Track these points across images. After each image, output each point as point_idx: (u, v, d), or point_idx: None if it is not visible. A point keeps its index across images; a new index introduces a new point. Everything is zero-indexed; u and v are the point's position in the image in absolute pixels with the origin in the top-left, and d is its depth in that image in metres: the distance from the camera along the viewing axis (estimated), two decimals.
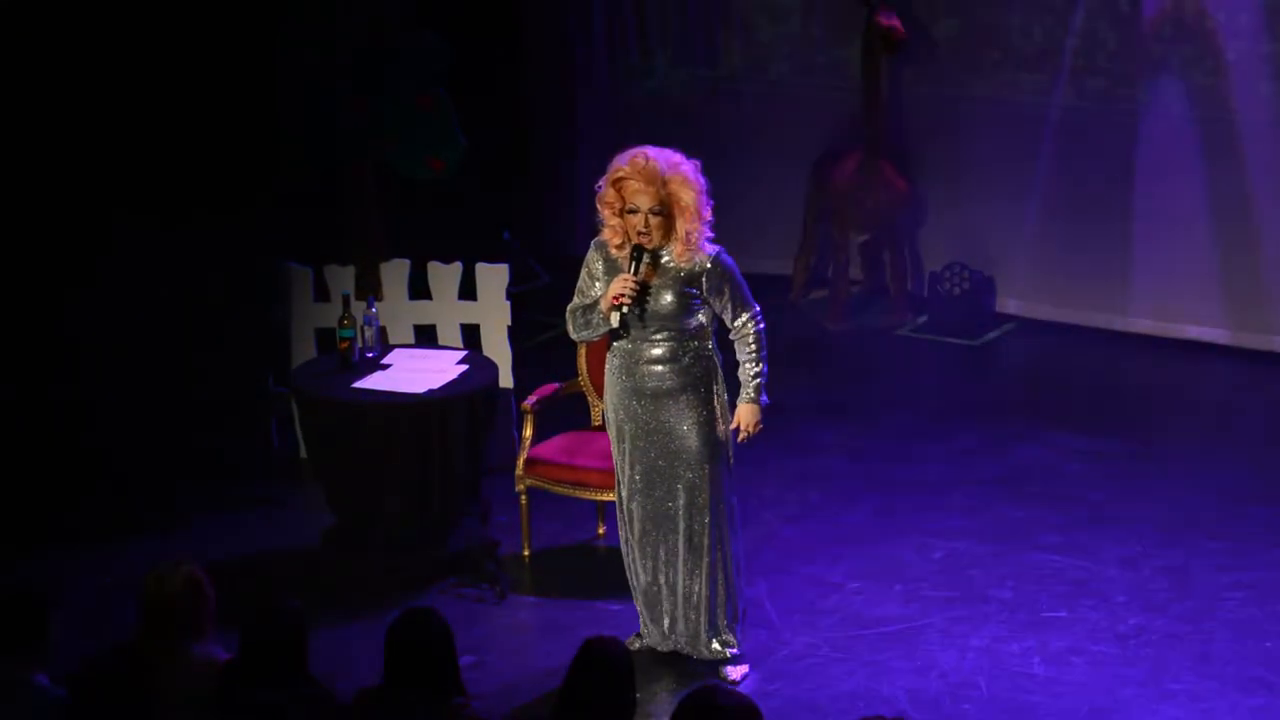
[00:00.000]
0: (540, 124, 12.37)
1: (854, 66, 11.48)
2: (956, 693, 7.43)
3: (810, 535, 8.70)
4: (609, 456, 8.33)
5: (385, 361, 8.91)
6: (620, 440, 7.46)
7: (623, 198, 7.24)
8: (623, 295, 7.20)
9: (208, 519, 8.96)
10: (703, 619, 7.47)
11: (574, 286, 7.49)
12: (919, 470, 9.44)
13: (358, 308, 9.00)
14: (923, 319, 11.55)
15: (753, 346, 7.36)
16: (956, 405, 10.36)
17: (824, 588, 8.27)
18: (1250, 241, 10.81)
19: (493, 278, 9.64)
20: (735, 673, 7.52)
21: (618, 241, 7.31)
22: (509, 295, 9.62)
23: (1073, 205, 11.26)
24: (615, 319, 7.24)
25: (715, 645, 7.51)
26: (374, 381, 8.69)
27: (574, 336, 7.56)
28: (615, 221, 7.28)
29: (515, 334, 9.66)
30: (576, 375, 8.73)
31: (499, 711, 5.81)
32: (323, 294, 9.60)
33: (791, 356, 8.61)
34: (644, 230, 7.21)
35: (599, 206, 7.33)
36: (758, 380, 7.35)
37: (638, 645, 7.61)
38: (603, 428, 8.68)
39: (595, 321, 7.35)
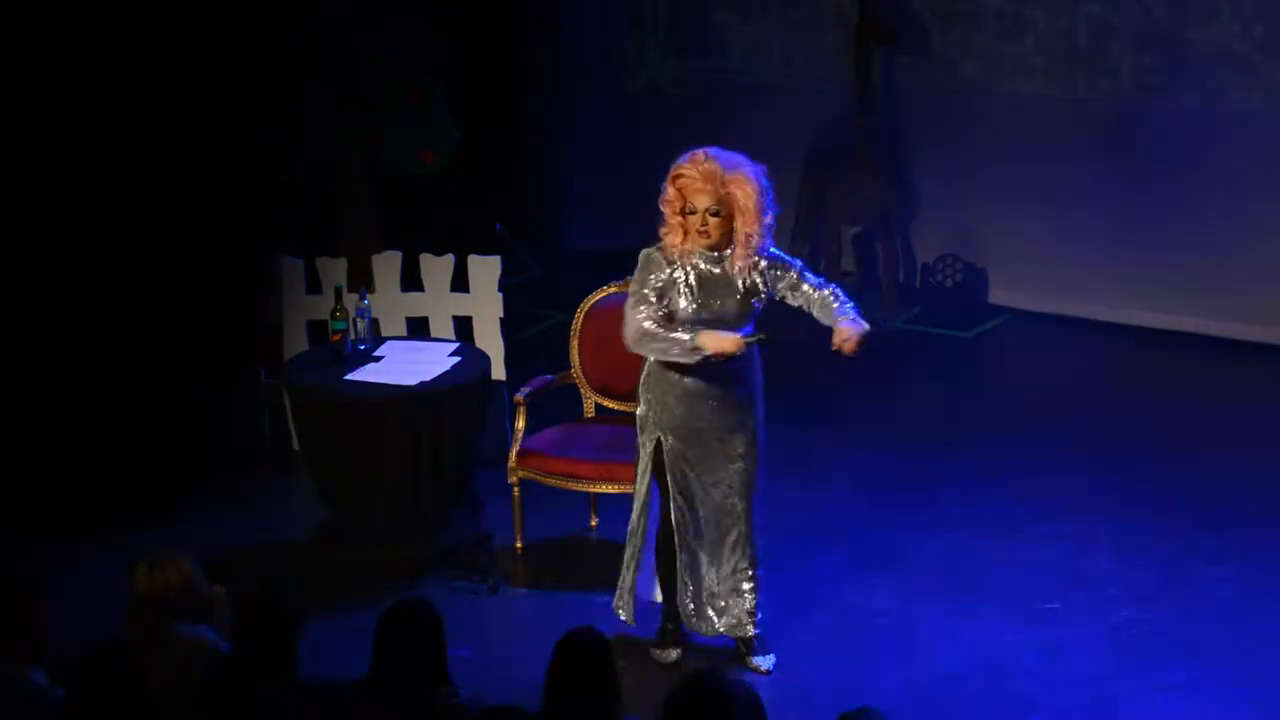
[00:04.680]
0: (533, 116, 12.36)
1: (846, 57, 11.48)
2: (950, 685, 7.43)
3: (802, 527, 8.70)
4: (601, 448, 8.35)
5: (377, 353, 8.91)
6: (681, 446, 7.34)
7: (683, 197, 7.16)
8: (723, 354, 7.16)
9: (200, 512, 8.95)
10: (745, 605, 7.51)
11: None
12: (911, 461, 9.43)
13: (350, 300, 9.00)
14: (915, 311, 11.55)
15: (839, 295, 7.33)
16: (949, 397, 10.36)
17: (816, 579, 8.27)
18: (1246, 234, 10.81)
19: (485, 270, 9.64)
20: (766, 663, 7.55)
21: (678, 241, 7.21)
22: (501, 287, 9.62)
23: (1066, 197, 11.27)
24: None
25: (751, 627, 7.55)
26: (366, 373, 8.69)
27: (638, 350, 7.32)
28: (676, 221, 7.19)
29: (508, 325, 9.66)
30: (569, 367, 8.73)
31: (488, 702, 5.82)
32: (315, 286, 9.60)
33: (783, 347, 8.58)
34: (703, 229, 7.14)
35: (661, 207, 7.23)
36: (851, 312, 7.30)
37: (673, 657, 7.61)
38: (596, 420, 8.70)
39: (677, 354, 7.20)
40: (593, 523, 8.81)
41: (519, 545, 8.60)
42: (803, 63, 12.00)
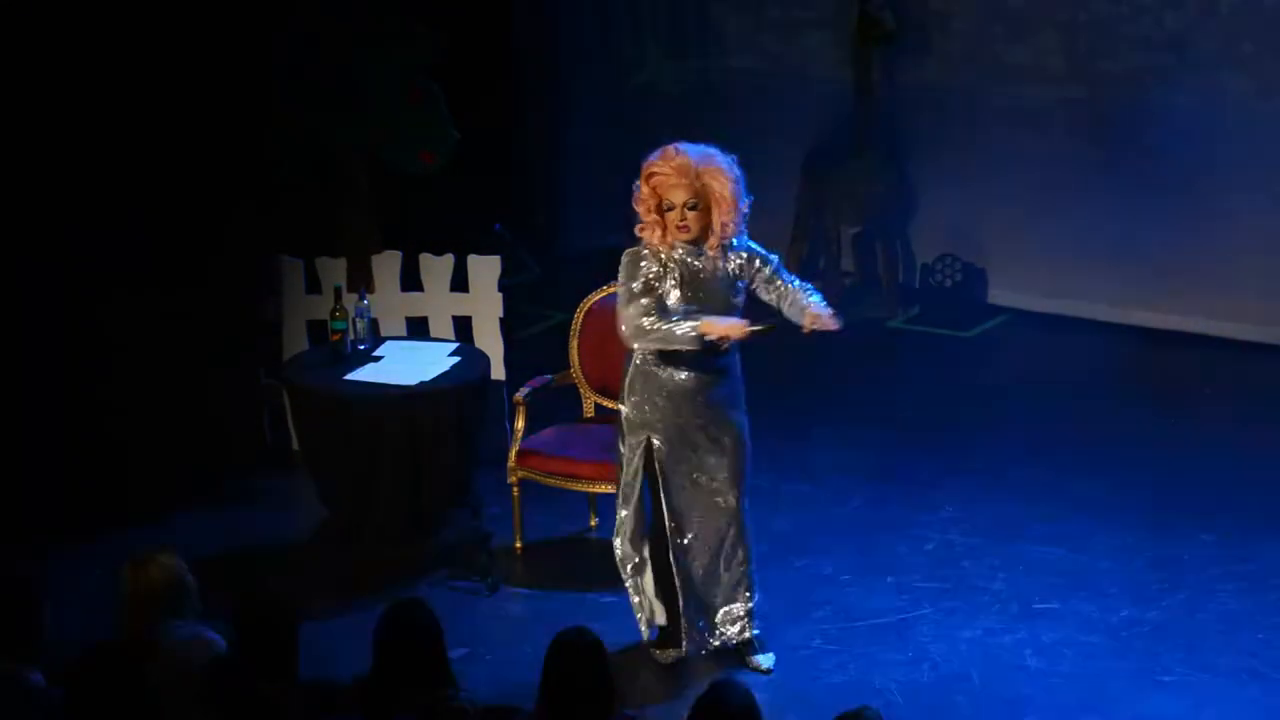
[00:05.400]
0: (532, 116, 12.36)
1: (846, 57, 11.47)
2: (948, 685, 7.44)
3: (801, 527, 8.70)
4: (601, 449, 8.34)
5: (377, 353, 8.91)
6: (670, 445, 7.34)
7: (658, 194, 7.19)
8: (727, 340, 7.16)
9: (199, 511, 8.95)
10: (746, 608, 7.52)
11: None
12: (910, 462, 9.43)
13: (350, 300, 9.00)
14: (914, 311, 11.55)
15: (809, 289, 7.36)
16: (948, 397, 10.36)
17: (815, 580, 8.27)
18: (1246, 234, 10.81)
19: (484, 269, 9.64)
20: (766, 661, 7.55)
21: (655, 239, 7.22)
22: (500, 287, 9.63)
23: (1066, 197, 11.26)
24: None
25: (750, 629, 7.56)
26: (366, 373, 8.70)
27: (637, 344, 7.29)
28: (652, 218, 7.21)
29: (507, 325, 9.66)
30: (568, 367, 8.73)
31: (488, 702, 5.83)
32: (314, 286, 9.60)
33: (782, 347, 8.63)
34: (682, 224, 7.16)
35: (635, 206, 7.25)
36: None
37: (673, 657, 7.60)
38: (595, 420, 8.70)
39: (679, 342, 7.16)
40: (592, 523, 8.81)
41: (518, 545, 8.60)
42: (802, 62, 11.99)
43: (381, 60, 9.51)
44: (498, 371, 9.31)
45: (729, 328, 7.16)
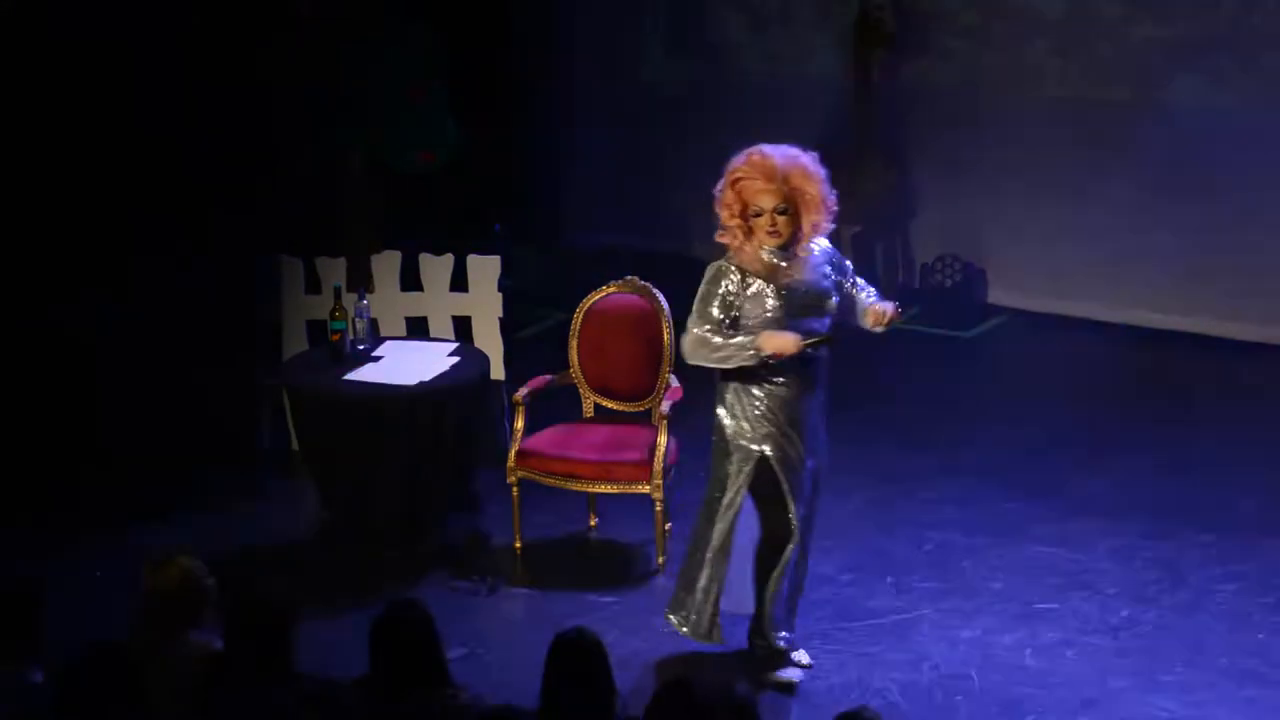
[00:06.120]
0: (533, 115, 12.37)
1: (846, 57, 11.48)
2: (948, 684, 7.43)
3: None
4: (601, 448, 8.35)
5: (377, 353, 8.91)
6: (782, 454, 7.19)
7: (743, 200, 7.06)
8: (782, 355, 7.02)
9: (200, 511, 8.95)
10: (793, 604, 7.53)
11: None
12: (910, 462, 9.44)
13: (349, 300, 9.00)
14: (914, 310, 11.55)
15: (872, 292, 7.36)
16: (947, 397, 10.36)
17: (815, 580, 8.25)
18: (1246, 234, 10.82)
19: (484, 269, 9.64)
20: (806, 657, 7.54)
21: (737, 244, 7.09)
22: (500, 287, 9.63)
23: (1066, 197, 11.27)
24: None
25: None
26: (365, 373, 8.70)
27: (695, 361, 7.16)
28: (735, 223, 7.07)
29: (506, 325, 9.67)
30: (568, 367, 8.73)
31: (488, 702, 5.83)
32: (314, 286, 9.60)
33: None
34: (773, 230, 7.03)
35: (717, 210, 7.11)
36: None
37: (679, 628, 7.55)
38: (595, 420, 8.70)
39: (738, 359, 7.05)
40: (592, 522, 8.82)
41: (518, 545, 8.60)
42: (802, 62, 11.99)
43: (381, 60, 9.51)
44: (498, 371, 9.32)
45: (783, 343, 7.00)
